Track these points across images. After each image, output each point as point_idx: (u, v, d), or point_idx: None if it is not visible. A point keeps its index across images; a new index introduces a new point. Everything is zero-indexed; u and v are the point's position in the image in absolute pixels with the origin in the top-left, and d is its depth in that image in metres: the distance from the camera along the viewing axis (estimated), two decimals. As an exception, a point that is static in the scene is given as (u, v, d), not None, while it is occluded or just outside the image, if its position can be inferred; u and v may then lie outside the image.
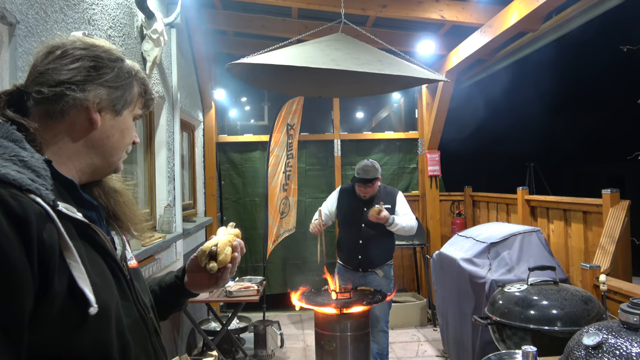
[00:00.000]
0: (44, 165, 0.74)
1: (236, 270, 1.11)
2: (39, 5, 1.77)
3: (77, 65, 0.83)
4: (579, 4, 3.49)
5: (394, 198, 3.49)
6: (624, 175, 9.62)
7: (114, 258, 0.83)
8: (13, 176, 0.67)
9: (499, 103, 7.65)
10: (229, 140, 5.55)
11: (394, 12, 4.11)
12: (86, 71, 0.84)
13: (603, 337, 1.40)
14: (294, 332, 4.85)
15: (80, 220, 0.77)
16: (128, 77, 0.89)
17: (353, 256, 3.43)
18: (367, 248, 3.38)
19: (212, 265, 1.03)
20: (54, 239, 0.68)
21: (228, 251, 1.05)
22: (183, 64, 4.20)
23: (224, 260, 1.04)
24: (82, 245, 0.76)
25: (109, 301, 0.77)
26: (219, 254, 1.04)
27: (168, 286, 1.13)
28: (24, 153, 0.73)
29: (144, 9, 2.78)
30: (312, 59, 2.50)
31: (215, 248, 1.04)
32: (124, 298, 0.84)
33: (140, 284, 0.98)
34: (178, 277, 1.13)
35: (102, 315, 0.73)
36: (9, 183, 0.66)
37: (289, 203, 4.94)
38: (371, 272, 3.44)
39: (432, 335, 4.66)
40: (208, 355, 2.93)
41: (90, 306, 0.70)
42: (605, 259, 2.71)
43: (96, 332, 0.73)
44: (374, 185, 3.36)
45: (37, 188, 0.69)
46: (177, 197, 3.64)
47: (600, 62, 7.80)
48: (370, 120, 6.18)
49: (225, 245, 1.05)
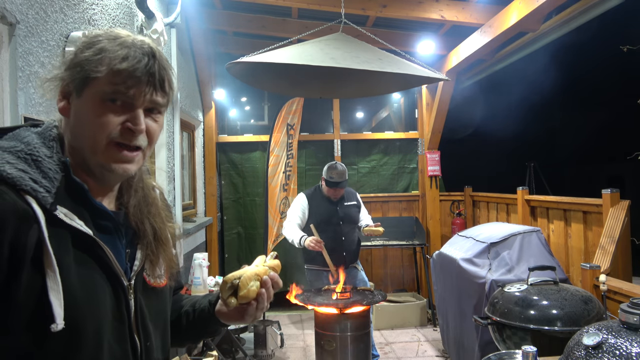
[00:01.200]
0: (56, 167, 0.72)
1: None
2: (39, 5, 1.77)
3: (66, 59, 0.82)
4: (579, 4, 3.49)
5: (356, 196, 3.80)
6: (624, 175, 9.62)
7: (116, 274, 0.78)
8: (10, 174, 0.66)
9: (499, 103, 7.65)
10: (229, 140, 5.55)
11: (394, 12, 4.11)
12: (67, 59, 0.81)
13: (603, 337, 1.40)
14: (294, 332, 4.85)
15: (80, 230, 0.73)
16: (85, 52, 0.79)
17: (338, 254, 3.52)
18: (348, 243, 3.57)
19: (231, 301, 0.91)
20: (32, 243, 0.65)
21: (253, 286, 0.91)
22: (183, 64, 4.20)
23: (246, 296, 0.91)
24: (75, 256, 0.72)
25: (86, 320, 0.71)
26: (241, 289, 0.90)
27: (200, 310, 1.02)
28: (42, 152, 0.72)
29: (144, 9, 2.78)
30: (312, 57, 2.50)
31: (237, 282, 0.91)
32: (119, 319, 0.78)
33: (159, 305, 0.89)
34: (211, 302, 1.01)
35: (73, 334, 0.68)
36: (3, 180, 0.66)
37: (289, 203, 4.94)
38: (352, 267, 3.61)
39: (432, 335, 4.66)
40: (208, 355, 2.94)
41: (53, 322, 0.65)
42: (605, 259, 2.71)
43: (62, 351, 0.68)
44: (343, 190, 3.59)
45: (32, 189, 0.67)
46: (177, 197, 3.64)
47: (600, 62, 7.80)
48: (370, 120, 6.18)
49: (250, 279, 0.92)
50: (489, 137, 8.46)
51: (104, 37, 0.80)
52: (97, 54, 0.78)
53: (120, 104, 0.79)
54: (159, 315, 0.90)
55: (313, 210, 3.58)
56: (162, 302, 0.92)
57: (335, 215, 3.56)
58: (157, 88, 0.81)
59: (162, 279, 0.90)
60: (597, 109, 9.17)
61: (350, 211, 3.64)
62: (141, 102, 0.80)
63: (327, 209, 3.57)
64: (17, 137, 0.74)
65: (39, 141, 0.74)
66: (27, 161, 0.70)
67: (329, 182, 3.46)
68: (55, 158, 0.74)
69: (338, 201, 3.60)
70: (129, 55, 0.78)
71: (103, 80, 0.77)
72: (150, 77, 0.79)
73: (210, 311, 1.00)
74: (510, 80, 6.34)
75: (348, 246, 3.57)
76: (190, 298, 1.08)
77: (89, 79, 0.77)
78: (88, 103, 0.78)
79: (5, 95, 1.59)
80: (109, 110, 0.78)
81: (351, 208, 3.65)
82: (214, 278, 3.82)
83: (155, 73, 0.80)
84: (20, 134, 0.75)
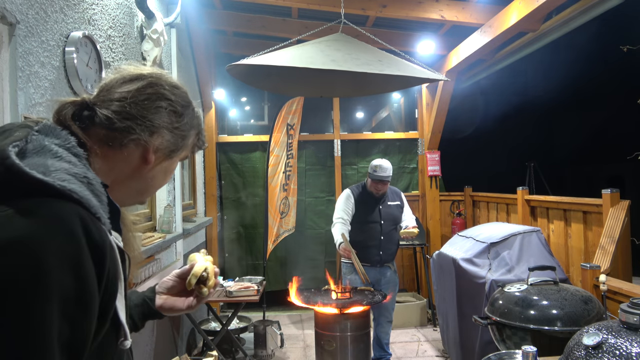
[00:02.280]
0: (103, 190, 0.71)
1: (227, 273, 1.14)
2: (39, 5, 1.77)
3: (158, 105, 0.81)
4: (579, 4, 3.49)
5: (401, 196, 3.81)
6: (624, 175, 9.62)
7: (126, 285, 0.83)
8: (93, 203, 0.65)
9: (499, 103, 7.65)
10: (229, 140, 5.55)
11: (394, 12, 4.11)
12: (167, 114, 0.83)
13: (603, 337, 1.40)
14: (294, 332, 4.85)
15: (121, 249, 0.75)
16: (190, 128, 0.89)
17: (374, 252, 3.58)
18: (387, 243, 3.61)
19: (204, 290, 1.06)
20: (117, 271, 0.68)
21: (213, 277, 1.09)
22: (183, 64, 4.20)
23: (212, 285, 1.07)
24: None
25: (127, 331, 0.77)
26: (209, 279, 1.07)
27: (135, 305, 1.10)
28: (90, 174, 0.69)
29: (144, 9, 2.78)
30: (312, 59, 2.50)
31: (206, 274, 1.06)
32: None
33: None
34: (150, 299, 1.11)
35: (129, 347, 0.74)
36: (87, 208, 0.63)
37: (289, 203, 4.94)
38: (386, 266, 3.66)
39: (432, 335, 4.66)
40: (208, 355, 2.93)
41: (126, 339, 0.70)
42: (605, 259, 2.71)
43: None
44: (387, 184, 3.61)
45: (102, 216, 0.66)
46: (177, 197, 3.64)
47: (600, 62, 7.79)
48: (370, 120, 6.18)
49: (212, 271, 1.09)
50: (489, 137, 8.45)
51: (190, 101, 0.90)
52: (195, 124, 0.91)
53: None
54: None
55: (358, 206, 3.61)
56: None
57: (376, 214, 3.60)
58: None
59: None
60: (597, 109, 9.16)
61: (392, 211, 3.67)
62: None
63: (369, 207, 3.61)
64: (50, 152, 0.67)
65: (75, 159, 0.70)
66: (84, 184, 0.66)
67: (372, 176, 3.54)
68: (98, 180, 0.71)
69: (381, 200, 3.63)
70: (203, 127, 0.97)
71: (190, 149, 0.93)
72: None
73: (151, 306, 1.10)
74: (510, 80, 6.34)
75: (386, 245, 3.60)
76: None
77: (185, 147, 0.90)
78: (173, 165, 0.90)
79: (5, 95, 1.59)
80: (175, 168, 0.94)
81: (393, 208, 3.68)
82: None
83: None
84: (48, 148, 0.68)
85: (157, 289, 1.12)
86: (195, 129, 0.91)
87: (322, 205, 5.59)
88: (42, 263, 0.56)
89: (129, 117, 0.78)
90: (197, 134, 0.92)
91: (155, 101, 0.81)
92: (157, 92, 0.82)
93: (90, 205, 0.64)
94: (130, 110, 0.78)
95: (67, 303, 0.58)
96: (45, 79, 1.82)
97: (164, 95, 0.82)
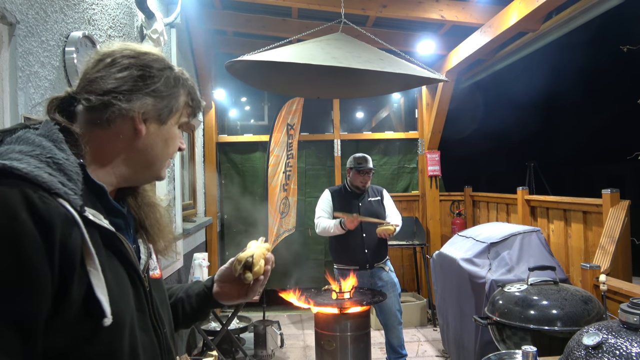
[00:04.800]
0: (77, 169, 0.74)
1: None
2: (39, 5, 1.77)
3: (125, 75, 0.83)
4: (579, 4, 3.49)
5: (382, 192, 3.76)
6: (624, 175, 9.62)
7: (136, 268, 0.82)
8: (44, 178, 0.67)
9: (499, 103, 7.65)
10: (229, 140, 5.55)
11: (394, 12, 4.11)
12: (133, 80, 0.83)
13: (603, 337, 1.40)
14: (294, 332, 4.85)
15: (105, 228, 0.76)
16: (174, 86, 0.88)
17: (359, 252, 3.49)
18: (371, 241, 3.51)
19: (248, 275, 1.05)
20: (78, 245, 0.68)
21: (262, 263, 1.07)
22: (183, 64, 4.20)
23: (259, 271, 1.06)
24: (105, 253, 0.76)
25: (124, 312, 0.76)
26: (254, 265, 1.05)
27: (196, 294, 1.12)
28: (59, 155, 0.73)
29: (144, 9, 2.78)
30: (313, 57, 2.50)
31: (251, 259, 1.06)
32: (141, 310, 0.83)
33: (160, 295, 0.96)
34: (207, 287, 1.12)
35: (116, 326, 0.72)
36: (39, 185, 0.66)
37: (289, 203, 4.94)
38: (377, 267, 3.56)
39: (432, 335, 4.66)
40: (208, 355, 2.93)
41: (104, 317, 0.69)
42: (605, 259, 2.71)
43: (108, 344, 0.72)
44: (371, 174, 3.61)
45: (65, 192, 0.68)
46: (177, 197, 3.64)
47: (600, 62, 7.80)
48: (370, 120, 6.18)
49: (260, 257, 1.07)
50: (489, 137, 8.46)
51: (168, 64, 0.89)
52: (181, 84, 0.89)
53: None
54: (164, 304, 0.96)
55: (336, 205, 3.59)
56: (163, 292, 0.99)
57: (355, 210, 3.52)
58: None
59: (158, 271, 0.98)
60: (597, 109, 9.17)
61: (371, 206, 3.60)
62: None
63: (347, 204, 3.57)
64: (26, 141, 0.74)
65: (50, 144, 0.74)
66: (49, 165, 0.70)
67: (358, 167, 3.53)
68: (72, 160, 0.74)
69: (361, 196, 3.60)
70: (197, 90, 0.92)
71: (185, 112, 0.91)
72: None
73: (208, 294, 1.11)
74: (510, 80, 6.34)
75: (370, 243, 3.50)
76: (178, 286, 1.17)
77: (177, 110, 0.89)
78: (171, 130, 0.89)
79: (5, 95, 1.59)
80: (178, 134, 0.92)
81: (373, 203, 3.63)
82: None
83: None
84: (28, 137, 0.74)
85: (215, 277, 1.13)
86: (182, 89, 0.90)
87: (322, 205, 5.59)
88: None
89: (104, 92, 0.81)
90: (188, 94, 0.91)
91: (124, 70, 0.83)
92: (122, 62, 0.84)
93: (40, 182, 0.66)
94: (102, 86, 0.82)
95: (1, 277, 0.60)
96: (45, 79, 1.82)
97: (130, 63, 0.84)
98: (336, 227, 3.43)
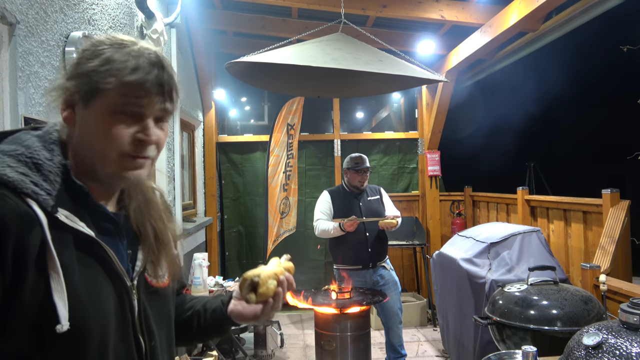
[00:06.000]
0: (57, 170, 0.73)
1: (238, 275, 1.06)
2: (39, 5, 1.77)
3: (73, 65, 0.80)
4: (579, 4, 3.49)
5: (380, 191, 3.78)
6: (624, 175, 9.62)
7: (119, 275, 0.79)
8: (9, 177, 0.67)
9: (499, 103, 7.65)
10: (229, 140, 5.55)
11: (394, 12, 4.11)
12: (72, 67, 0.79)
13: (603, 337, 1.40)
14: (294, 332, 4.85)
15: (80, 232, 0.74)
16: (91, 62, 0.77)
17: (362, 252, 3.48)
18: (374, 240, 3.52)
19: (250, 297, 0.96)
20: (34, 245, 0.66)
21: (271, 284, 0.97)
22: (183, 64, 4.20)
23: (264, 293, 0.96)
24: (78, 258, 0.72)
25: (92, 321, 0.72)
26: (260, 286, 0.96)
27: (213, 310, 1.04)
28: (43, 155, 0.72)
29: (144, 9, 2.78)
30: (313, 58, 2.50)
31: (257, 279, 0.96)
32: (122, 319, 0.79)
33: (162, 306, 0.90)
34: (224, 302, 1.04)
35: (78, 335, 0.69)
36: (4, 184, 0.66)
37: (289, 203, 4.94)
38: (379, 266, 3.56)
39: (432, 335, 4.66)
40: (208, 355, 2.94)
41: (58, 323, 0.66)
42: (605, 259, 2.71)
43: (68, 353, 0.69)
44: (369, 173, 3.62)
45: (34, 192, 0.68)
46: (177, 197, 3.64)
47: (600, 62, 7.80)
48: (370, 120, 6.18)
49: (269, 277, 0.97)
50: (489, 137, 8.46)
51: (108, 45, 0.78)
52: (104, 64, 0.76)
53: (130, 115, 0.78)
54: (162, 316, 0.90)
55: (335, 206, 3.58)
56: (165, 302, 0.92)
57: (356, 210, 3.53)
58: (166, 97, 0.80)
59: (164, 279, 0.91)
60: (597, 109, 9.17)
61: (372, 205, 3.61)
62: (151, 112, 0.79)
63: (348, 204, 3.56)
64: (17, 141, 0.75)
65: (39, 144, 0.74)
66: (27, 164, 0.70)
67: (356, 167, 3.54)
68: (56, 161, 0.74)
69: (360, 196, 3.60)
70: (138, 66, 0.77)
71: (112, 92, 0.76)
72: (160, 87, 0.79)
73: (223, 311, 1.02)
74: (510, 80, 6.34)
75: (373, 242, 3.52)
76: (198, 299, 1.10)
77: (97, 90, 0.76)
78: (97, 115, 0.77)
79: (5, 95, 1.59)
80: (119, 122, 0.77)
81: (373, 202, 3.63)
82: (214, 278, 3.82)
83: (164, 83, 0.79)
84: (20, 138, 0.76)
85: (233, 293, 1.05)
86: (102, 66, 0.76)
87: (322, 206, 5.59)
88: None
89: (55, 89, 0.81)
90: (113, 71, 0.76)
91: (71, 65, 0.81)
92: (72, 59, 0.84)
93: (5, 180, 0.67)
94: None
95: None
96: (45, 79, 1.82)
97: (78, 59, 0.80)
98: (335, 229, 3.43)
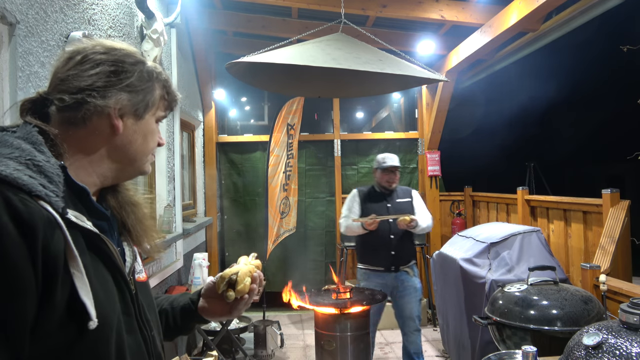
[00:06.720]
0: (58, 171, 0.73)
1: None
2: (39, 5, 1.77)
3: (97, 71, 0.82)
4: (579, 4, 3.49)
5: (411, 193, 3.64)
6: (624, 175, 9.62)
7: (121, 270, 0.81)
8: (24, 181, 0.66)
9: (499, 103, 7.65)
10: (229, 140, 5.55)
11: (394, 12, 4.11)
12: (106, 76, 0.82)
13: (603, 337, 1.40)
14: (294, 332, 4.85)
15: (89, 230, 0.75)
16: (149, 80, 0.87)
17: (385, 253, 3.39)
18: (398, 242, 3.41)
19: (229, 294, 1.01)
20: (60, 248, 0.67)
21: (247, 281, 1.03)
22: (183, 64, 4.20)
23: (242, 290, 1.02)
24: (89, 256, 0.74)
25: (110, 315, 0.75)
26: (238, 283, 1.02)
27: (181, 307, 1.10)
28: (39, 157, 0.72)
29: (144, 9, 2.78)
30: (313, 58, 2.50)
31: (235, 277, 1.02)
32: (127, 313, 0.82)
33: (147, 299, 0.95)
34: (192, 301, 1.10)
35: (102, 329, 0.71)
36: (19, 187, 0.65)
37: (289, 203, 4.94)
38: (402, 271, 3.43)
39: (432, 335, 4.66)
40: (208, 355, 2.93)
41: (90, 320, 0.68)
42: (605, 259, 2.71)
43: (95, 347, 0.71)
44: (398, 173, 3.54)
45: (47, 195, 0.67)
46: (177, 197, 3.64)
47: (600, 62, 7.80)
48: (370, 120, 6.18)
49: (246, 275, 1.04)
50: (489, 137, 8.46)
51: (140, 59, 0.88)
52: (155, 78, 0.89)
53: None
54: (150, 308, 0.95)
55: (364, 205, 3.50)
56: (149, 295, 0.98)
57: (384, 210, 3.43)
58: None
59: (143, 274, 0.97)
60: (597, 109, 9.17)
61: (401, 208, 3.46)
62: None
63: (376, 204, 3.47)
64: (5, 143, 0.73)
65: (29, 146, 0.73)
66: (29, 167, 0.69)
67: (382, 166, 3.48)
68: (52, 162, 0.73)
69: (389, 197, 3.50)
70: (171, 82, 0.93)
71: (159, 105, 0.91)
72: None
73: (192, 308, 1.09)
74: (510, 80, 6.34)
75: (398, 245, 3.39)
76: (164, 297, 1.14)
77: (152, 104, 0.89)
78: (149, 125, 0.89)
79: (5, 95, 1.59)
80: (156, 128, 0.92)
81: (403, 205, 3.49)
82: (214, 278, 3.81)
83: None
84: (6, 140, 0.73)
85: (202, 291, 1.10)
86: (156, 83, 0.89)
87: (322, 206, 5.59)
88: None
89: (76, 91, 0.80)
90: (163, 88, 0.91)
91: (97, 67, 0.82)
92: (94, 59, 0.83)
93: (20, 184, 0.65)
94: (75, 84, 0.80)
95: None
96: (45, 79, 1.81)
97: (102, 60, 0.83)
98: (359, 227, 3.37)
